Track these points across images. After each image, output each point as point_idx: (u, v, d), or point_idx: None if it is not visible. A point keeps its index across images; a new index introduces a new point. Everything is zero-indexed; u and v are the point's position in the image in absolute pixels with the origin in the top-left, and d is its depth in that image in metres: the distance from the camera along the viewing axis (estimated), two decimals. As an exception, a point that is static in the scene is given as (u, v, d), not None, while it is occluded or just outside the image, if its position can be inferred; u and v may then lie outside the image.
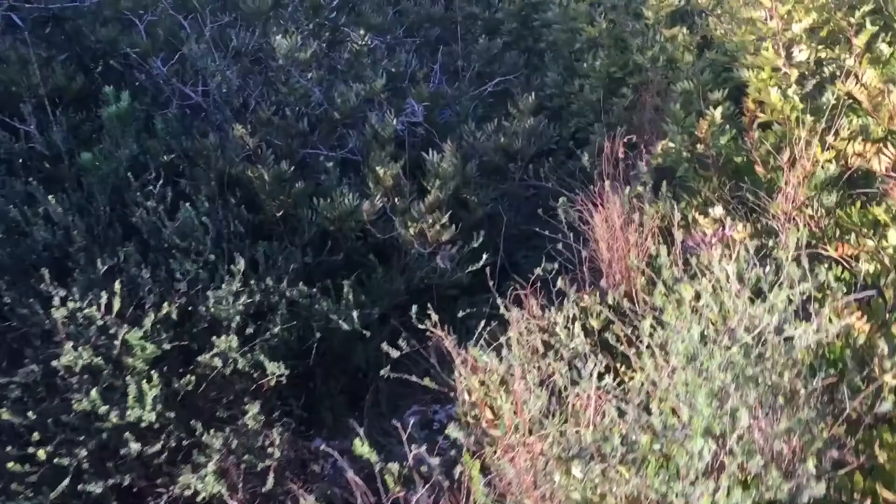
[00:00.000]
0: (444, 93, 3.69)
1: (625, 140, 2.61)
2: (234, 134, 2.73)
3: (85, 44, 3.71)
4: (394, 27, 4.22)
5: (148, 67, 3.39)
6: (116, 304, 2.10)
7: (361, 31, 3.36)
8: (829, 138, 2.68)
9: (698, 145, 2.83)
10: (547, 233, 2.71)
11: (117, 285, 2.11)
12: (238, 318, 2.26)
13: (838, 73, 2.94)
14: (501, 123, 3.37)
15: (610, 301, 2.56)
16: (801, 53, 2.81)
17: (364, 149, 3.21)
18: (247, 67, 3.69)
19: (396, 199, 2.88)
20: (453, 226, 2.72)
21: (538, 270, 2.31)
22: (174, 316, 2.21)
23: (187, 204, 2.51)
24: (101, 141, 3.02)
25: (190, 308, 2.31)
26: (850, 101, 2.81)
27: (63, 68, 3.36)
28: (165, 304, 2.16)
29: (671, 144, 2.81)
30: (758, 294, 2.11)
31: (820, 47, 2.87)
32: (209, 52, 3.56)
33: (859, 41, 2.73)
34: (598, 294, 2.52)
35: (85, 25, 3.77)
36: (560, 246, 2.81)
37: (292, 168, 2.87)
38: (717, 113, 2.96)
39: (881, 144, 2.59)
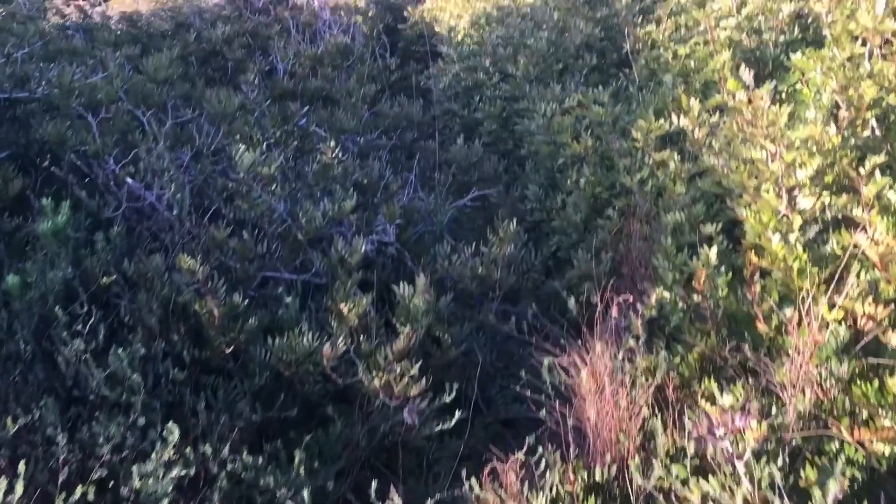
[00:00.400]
0: (419, 207, 3.44)
1: (619, 300, 2.35)
2: (182, 266, 2.43)
3: (31, 137, 3.42)
4: (368, 129, 3.99)
5: (94, 172, 3.10)
6: (20, 488, 1.76)
7: (332, 143, 3.10)
8: (836, 295, 2.45)
9: (694, 295, 2.59)
10: (529, 394, 2.43)
11: (22, 466, 1.77)
12: (167, 498, 1.92)
13: (840, 217, 2.74)
14: (479, 249, 3.12)
15: (598, 477, 2.27)
16: (806, 200, 2.60)
17: (328, 272, 2.93)
18: (206, 169, 3.42)
19: (362, 339, 2.58)
20: (423, 379, 2.43)
21: (520, 454, 2.01)
22: (91, 496, 1.87)
23: (120, 350, 2.19)
24: (35, 253, 2.72)
25: (112, 482, 1.98)
26: (857, 251, 2.60)
27: (0, 168, 3.06)
28: (80, 487, 1.83)
29: (665, 294, 2.56)
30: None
31: (825, 193, 2.66)
32: (167, 150, 3.28)
33: (868, 192, 2.53)
34: (583, 470, 2.23)
35: (34, 116, 3.49)
36: (541, 380, 2.54)
37: (246, 301, 2.57)
38: (713, 253, 2.73)
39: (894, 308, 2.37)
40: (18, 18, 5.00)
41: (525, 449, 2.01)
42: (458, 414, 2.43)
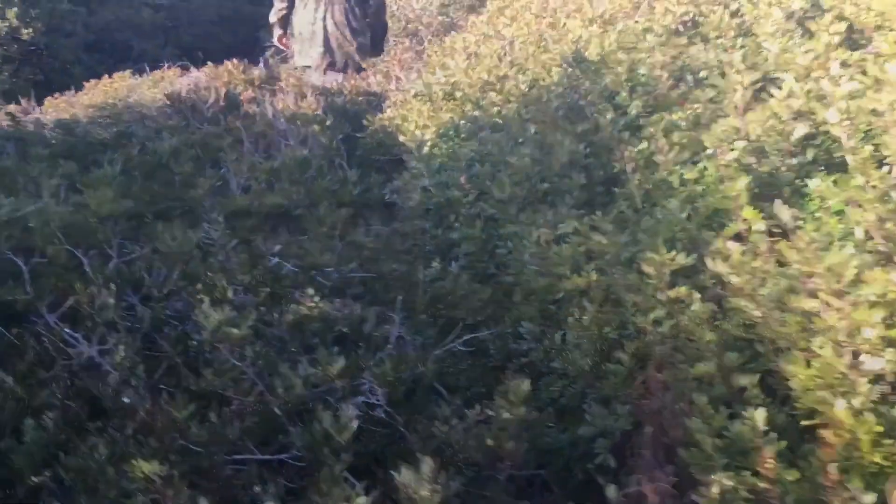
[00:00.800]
0: (407, 356, 3.00)
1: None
2: (135, 472, 1.93)
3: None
4: (343, 261, 3.57)
5: (24, 333, 2.59)
6: None
7: (311, 290, 2.67)
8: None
9: (758, 481, 2.19)
10: None
11: None
12: None
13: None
14: (486, 412, 2.69)
15: None
16: (875, 361, 2.25)
17: (311, 447, 2.44)
18: (158, 318, 2.94)
19: (360, 550, 2.09)
20: None
21: None
22: None
23: None
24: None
25: None
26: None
27: None
28: None
29: (727, 482, 2.15)
30: None
31: (888, 349, 2.32)
32: (113, 301, 2.80)
33: (947, 352, 2.19)
34: None
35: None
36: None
37: (215, 506, 2.06)
38: (759, 416, 2.36)
39: None
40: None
41: None
42: None
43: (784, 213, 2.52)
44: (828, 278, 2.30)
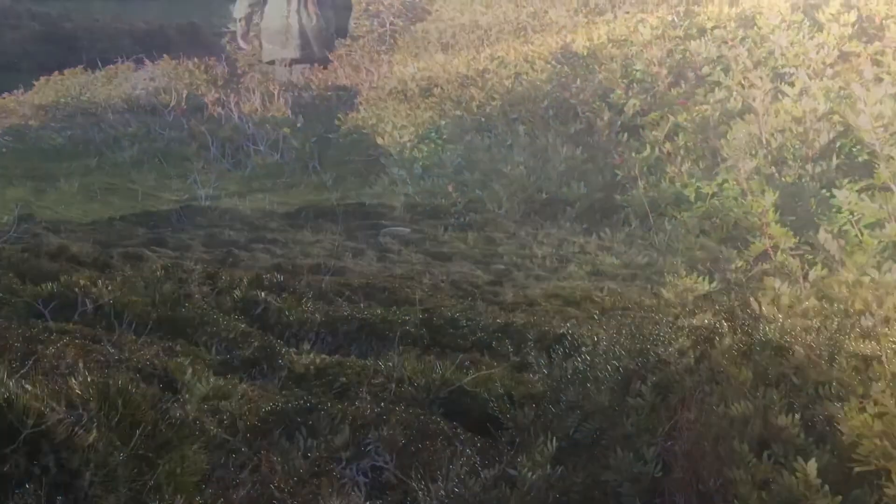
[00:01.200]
0: (413, 406, 2.73)
1: None
2: None
3: None
4: (331, 292, 3.27)
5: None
6: None
7: (306, 347, 2.37)
8: None
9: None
10: None
11: None
12: None
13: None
14: (506, 472, 2.43)
15: None
16: (946, 414, 2.03)
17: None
18: (133, 369, 2.63)
19: None
20: None
21: None
22: None
23: None
24: None
25: None
26: None
27: None
28: None
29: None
30: None
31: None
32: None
33: None
34: None
35: None
36: None
37: None
38: (811, 467, 2.14)
39: None
40: None
41: None
42: None
43: (831, 244, 2.28)
44: (889, 316, 2.07)
